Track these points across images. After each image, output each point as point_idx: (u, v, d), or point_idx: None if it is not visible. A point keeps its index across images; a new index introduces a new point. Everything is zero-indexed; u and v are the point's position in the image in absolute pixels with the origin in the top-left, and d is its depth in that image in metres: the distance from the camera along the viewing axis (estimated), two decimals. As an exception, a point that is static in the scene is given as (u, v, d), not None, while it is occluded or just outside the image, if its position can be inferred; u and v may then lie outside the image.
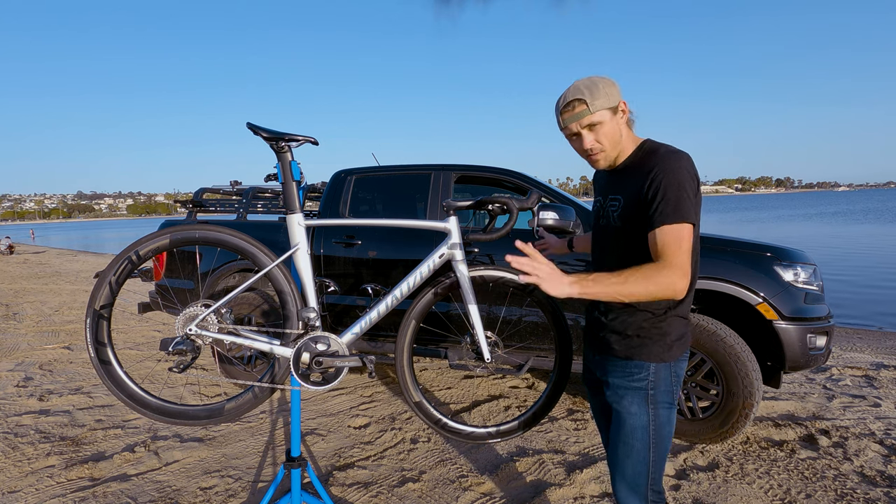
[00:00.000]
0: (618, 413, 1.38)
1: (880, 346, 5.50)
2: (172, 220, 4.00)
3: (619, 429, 1.38)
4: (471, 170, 3.47)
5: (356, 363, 1.63)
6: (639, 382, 1.35)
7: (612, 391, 1.40)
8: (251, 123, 1.65)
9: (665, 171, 1.23)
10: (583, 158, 1.41)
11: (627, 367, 1.37)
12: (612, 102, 1.30)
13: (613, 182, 1.40)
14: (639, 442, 1.35)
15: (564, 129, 1.36)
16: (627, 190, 1.32)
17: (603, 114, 1.30)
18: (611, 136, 1.32)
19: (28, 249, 24.38)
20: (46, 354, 4.91)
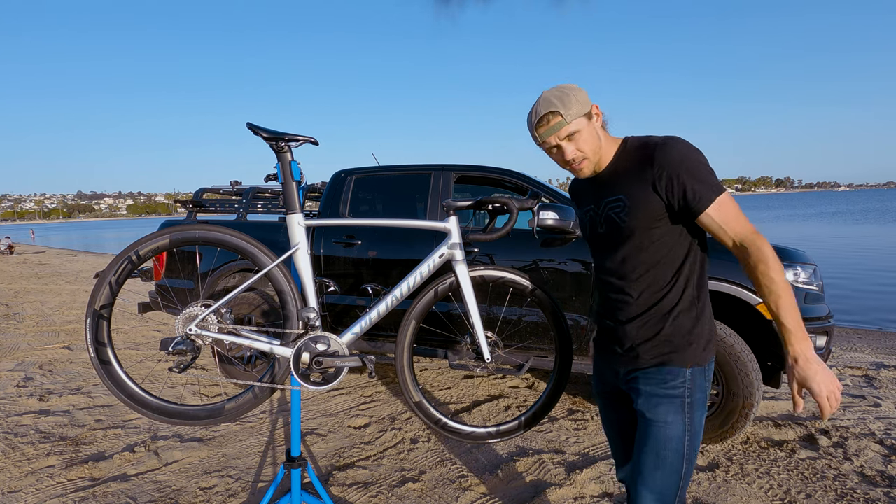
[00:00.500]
0: (650, 422, 1.29)
1: (880, 346, 5.50)
2: (172, 220, 4.00)
3: (650, 439, 1.28)
4: (471, 170, 3.47)
5: (356, 363, 1.63)
6: (675, 390, 1.27)
7: (645, 399, 1.30)
8: (251, 123, 1.65)
9: (671, 157, 1.19)
10: (565, 169, 1.37)
11: (661, 374, 1.28)
12: (586, 109, 1.26)
13: (604, 185, 1.34)
14: (672, 453, 1.27)
15: (542, 143, 1.31)
16: (629, 187, 1.26)
17: (579, 122, 1.25)
18: (590, 142, 1.28)
19: (28, 249, 24.38)
20: (46, 354, 4.91)
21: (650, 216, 1.24)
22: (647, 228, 1.25)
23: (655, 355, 1.29)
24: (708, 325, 1.31)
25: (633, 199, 1.25)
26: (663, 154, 1.20)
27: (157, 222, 5.87)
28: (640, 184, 1.24)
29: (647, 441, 1.29)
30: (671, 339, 1.28)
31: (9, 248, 19.74)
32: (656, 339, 1.29)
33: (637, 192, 1.24)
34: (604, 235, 1.36)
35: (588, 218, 1.42)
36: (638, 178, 1.24)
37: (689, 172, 1.18)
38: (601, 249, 1.39)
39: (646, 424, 1.30)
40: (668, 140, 1.23)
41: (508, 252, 3.16)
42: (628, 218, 1.26)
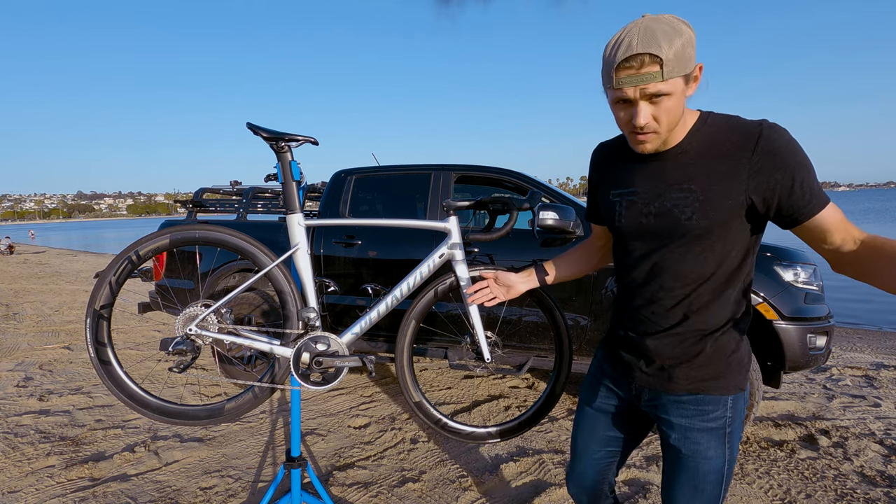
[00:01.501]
0: (687, 457, 1.13)
1: (880, 346, 5.50)
2: (172, 220, 4.00)
3: (685, 472, 1.13)
4: (471, 170, 3.47)
5: (356, 363, 1.63)
6: (716, 422, 1.10)
7: (680, 434, 1.12)
8: (251, 123, 1.65)
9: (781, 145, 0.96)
10: (622, 130, 1.06)
11: (699, 405, 1.10)
12: (690, 66, 0.94)
13: (668, 168, 1.06)
14: (711, 485, 1.12)
15: (615, 88, 0.97)
16: (707, 176, 1.00)
17: (676, 83, 0.94)
18: (674, 113, 0.97)
19: (28, 249, 24.38)
20: (46, 354, 4.91)
21: (726, 216, 1.01)
22: (714, 230, 1.02)
23: (693, 380, 1.10)
24: (747, 344, 1.14)
25: (710, 193, 1.00)
26: (772, 143, 0.95)
27: (157, 222, 5.86)
28: (726, 175, 0.99)
29: (681, 473, 1.14)
30: (712, 363, 1.09)
31: (9, 248, 19.74)
32: (695, 361, 1.09)
33: (718, 185, 1.00)
34: (650, 229, 1.09)
35: (626, 203, 1.13)
36: (724, 167, 0.99)
37: (801, 167, 0.95)
38: (640, 246, 1.12)
39: (679, 457, 1.14)
40: (774, 126, 0.97)
41: (508, 252, 3.16)
42: (697, 215, 1.01)
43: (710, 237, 1.03)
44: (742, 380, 1.12)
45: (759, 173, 0.97)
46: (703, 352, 1.09)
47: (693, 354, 1.10)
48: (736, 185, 0.99)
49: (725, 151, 1.00)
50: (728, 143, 1.00)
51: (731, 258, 1.05)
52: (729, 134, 1.01)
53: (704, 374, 1.10)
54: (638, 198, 1.11)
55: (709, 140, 1.02)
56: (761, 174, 0.97)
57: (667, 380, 1.13)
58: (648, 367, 1.16)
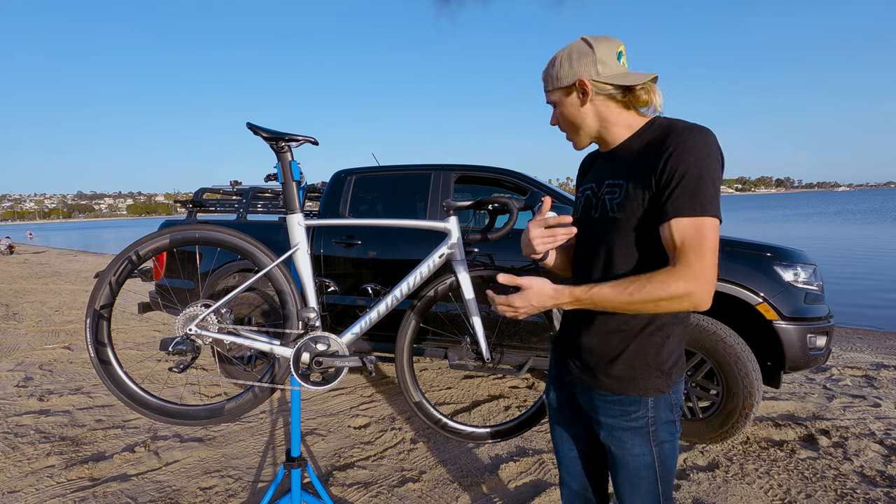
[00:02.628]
0: (617, 455, 1.18)
1: (880, 346, 5.50)
2: (172, 220, 4.00)
3: (621, 470, 1.19)
4: (471, 170, 3.47)
5: (356, 363, 1.63)
6: (637, 422, 1.14)
7: (607, 432, 1.18)
8: (251, 123, 1.65)
9: (685, 149, 1.00)
10: None
11: (621, 405, 1.14)
12: (565, 81, 1.12)
13: (612, 166, 1.15)
14: (645, 481, 1.17)
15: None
16: (633, 174, 1.08)
17: (557, 94, 1.15)
18: (568, 118, 1.16)
19: (28, 249, 24.38)
20: (46, 354, 4.91)
21: (640, 212, 1.07)
22: (636, 225, 1.08)
23: (615, 380, 1.14)
24: (678, 349, 1.15)
25: (632, 188, 1.08)
26: (678, 142, 1.01)
27: (157, 222, 5.88)
28: (642, 172, 1.06)
29: (618, 470, 1.20)
30: (632, 363, 1.12)
31: (9, 248, 19.75)
32: (618, 360, 1.13)
33: (639, 181, 1.07)
34: (595, 221, 1.17)
35: (584, 197, 1.23)
36: (645, 165, 1.06)
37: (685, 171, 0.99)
38: (587, 236, 1.20)
39: (612, 454, 1.20)
40: (692, 130, 1.03)
41: (508, 252, 3.16)
42: (619, 209, 1.10)
43: (631, 233, 1.09)
44: (662, 384, 1.12)
45: (657, 171, 1.03)
46: (625, 353, 1.13)
47: (616, 354, 1.13)
48: (646, 181, 1.05)
49: (649, 151, 1.07)
50: (657, 143, 1.06)
51: (651, 257, 1.08)
52: (659, 135, 1.08)
53: (625, 375, 1.13)
54: (591, 192, 1.21)
55: (645, 141, 1.10)
56: (658, 172, 1.03)
57: (594, 378, 1.17)
58: (579, 363, 1.21)
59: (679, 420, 1.18)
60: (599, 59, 1.09)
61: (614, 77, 1.10)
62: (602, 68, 1.09)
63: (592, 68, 1.09)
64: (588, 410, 1.23)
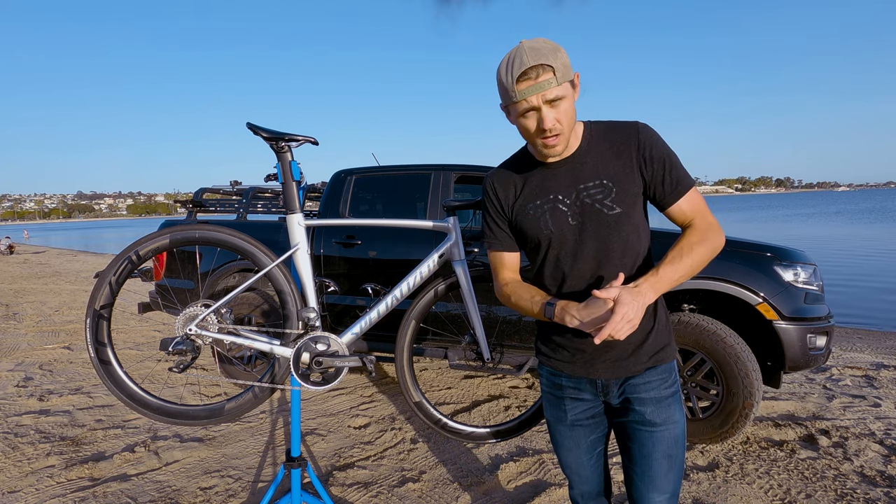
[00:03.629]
0: (660, 427, 1.20)
1: (880, 346, 5.50)
2: (172, 220, 4.00)
3: (661, 444, 1.20)
4: (471, 170, 3.47)
5: (356, 363, 1.63)
6: (673, 386, 1.23)
7: (654, 406, 1.21)
8: (251, 123, 1.65)
9: (656, 140, 1.15)
10: (530, 142, 1.17)
11: (660, 374, 1.22)
12: (571, 74, 1.09)
13: (574, 170, 1.17)
14: (680, 449, 1.23)
15: (519, 102, 1.07)
16: (611, 170, 1.15)
17: (566, 87, 1.08)
18: (571, 115, 1.10)
19: (28, 249, 24.38)
20: (46, 354, 4.91)
21: (633, 200, 1.16)
22: (631, 215, 1.16)
23: (650, 355, 1.20)
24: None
25: (618, 183, 1.15)
26: (647, 135, 1.15)
27: (157, 222, 5.87)
28: (623, 166, 1.15)
29: (657, 447, 1.21)
30: (661, 333, 1.22)
31: (9, 248, 19.75)
32: (650, 337, 1.20)
33: (622, 175, 1.15)
34: (577, 227, 1.17)
35: (547, 211, 1.19)
36: (620, 160, 1.16)
37: (667, 155, 1.15)
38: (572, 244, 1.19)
39: (653, 431, 1.21)
40: (645, 125, 1.18)
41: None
42: (616, 203, 1.14)
43: (630, 221, 1.17)
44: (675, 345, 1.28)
45: (646, 162, 1.15)
46: (655, 326, 1.22)
47: (648, 331, 1.21)
48: (633, 173, 1.16)
49: (617, 149, 1.17)
50: (617, 142, 1.17)
51: (645, 235, 1.22)
52: (614, 134, 1.18)
53: (659, 346, 1.22)
54: (560, 203, 1.19)
55: (600, 141, 1.18)
56: (645, 165, 1.15)
57: (633, 363, 1.21)
58: (612, 358, 1.21)
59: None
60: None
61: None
62: None
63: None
64: (627, 397, 1.23)
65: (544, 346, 1.32)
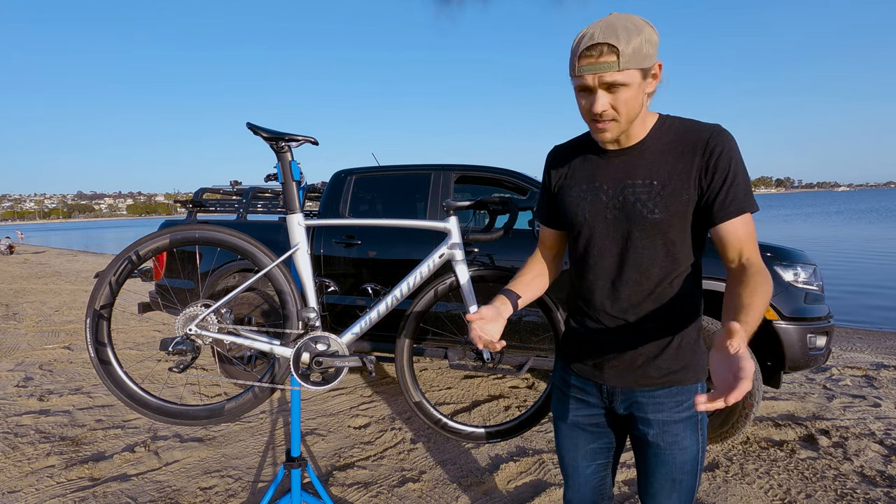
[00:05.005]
0: (662, 450, 1.14)
1: (880, 346, 5.50)
2: (172, 220, 4.00)
3: (664, 466, 1.15)
4: (471, 170, 3.47)
5: (356, 363, 1.63)
6: (689, 410, 1.13)
7: (658, 428, 1.14)
8: (251, 123, 1.65)
9: (730, 150, 1.02)
10: (584, 120, 1.10)
11: (673, 396, 1.13)
12: (648, 62, 0.99)
13: (628, 164, 1.10)
14: (688, 475, 1.15)
15: (576, 76, 1.01)
16: (665, 172, 1.05)
17: (632, 74, 0.98)
18: (632, 105, 1.01)
19: (28, 249, 24.38)
20: (46, 354, 4.91)
21: (683, 209, 1.05)
22: (674, 223, 1.06)
23: (665, 373, 1.12)
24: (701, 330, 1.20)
25: (669, 188, 1.05)
26: (720, 142, 1.03)
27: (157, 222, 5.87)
28: (680, 170, 1.04)
29: (659, 468, 1.16)
30: (682, 353, 1.12)
31: (9, 248, 19.75)
32: (666, 353, 1.12)
33: (675, 180, 1.05)
34: (613, 223, 1.11)
35: (591, 199, 1.14)
36: (679, 164, 1.05)
37: (736, 170, 1.02)
38: (603, 242, 1.14)
39: (658, 452, 1.16)
40: (724, 132, 1.05)
41: (508, 252, 3.16)
42: (658, 208, 1.05)
43: (670, 230, 1.07)
44: (705, 367, 1.13)
45: (704, 172, 1.03)
46: (673, 343, 1.12)
47: (664, 346, 1.12)
48: (689, 181, 1.04)
49: (681, 150, 1.06)
50: (684, 143, 1.06)
51: (686, 251, 1.10)
52: (685, 134, 1.07)
53: (676, 366, 1.12)
54: (603, 193, 1.13)
55: (668, 139, 1.08)
56: (705, 173, 1.03)
57: (641, 376, 1.13)
58: (621, 365, 1.15)
59: None
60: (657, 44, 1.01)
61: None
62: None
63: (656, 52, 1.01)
64: (632, 412, 1.17)
65: (564, 339, 1.32)
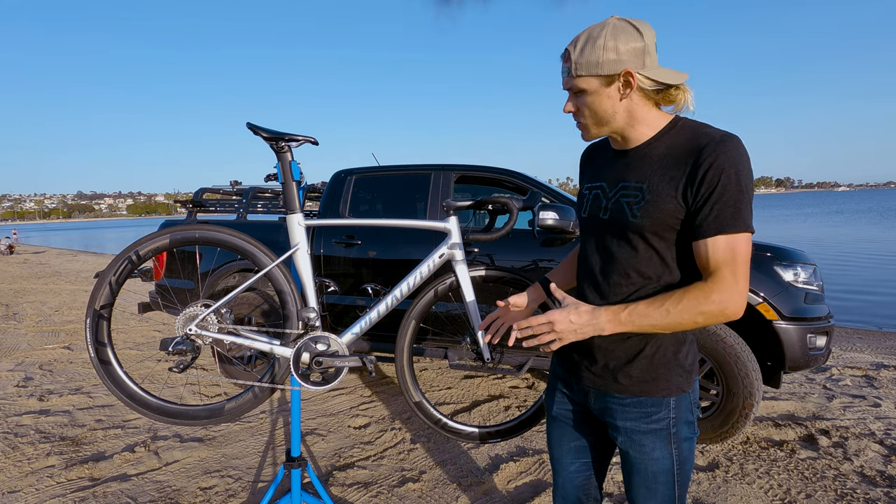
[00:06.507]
0: (635, 459, 1.13)
1: (880, 346, 5.50)
2: (172, 220, 4.00)
3: (637, 474, 1.15)
4: (471, 170, 3.47)
5: (356, 363, 1.63)
6: (658, 423, 1.09)
7: (625, 437, 1.12)
8: (251, 123, 1.65)
9: (725, 161, 0.94)
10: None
11: (642, 406, 1.10)
12: (608, 69, 0.97)
13: (627, 166, 1.08)
14: (662, 486, 1.13)
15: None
16: (659, 178, 1.02)
17: (588, 81, 1.00)
18: (596, 110, 1.03)
19: (28, 249, 24.38)
20: (46, 354, 4.91)
21: (666, 220, 1.02)
22: (657, 231, 1.03)
23: (635, 381, 1.10)
24: (693, 346, 1.14)
25: (654, 194, 1.02)
26: (717, 153, 0.95)
27: (157, 222, 5.87)
28: (671, 178, 1.00)
29: (633, 475, 1.15)
30: (653, 364, 1.08)
31: (9, 248, 19.75)
32: (636, 361, 1.09)
33: (664, 187, 1.01)
34: (605, 223, 1.11)
35: (592, 196, 1.16)
36: (673, 171, 1.01)
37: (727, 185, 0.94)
38: (595, 238, 1.15)
39: (629, 459, 1.15)
40: (729, 140, 0.97)
41: (508, 252, 3.16)
42: (640, 213, 1.03)
43: (652, 238, 1.04)
44: (684, 382, 1.10)
45: (691, 182, 0.98)
46: (644, 352, 1.09)
47: (634, 354, 1.09)
48: (676, 191, 1.00)
49: (679, 157, 1.01)
50: (685, 149, 1.01)
51: (671, 262, 1.05)
52: (688, 140, 1.02)
53: (646, 376, 1.09)
54: (602, 193, 1.13)
55: (671, 144, 1.04)
56: (692, 185, 0.98)
57: (612, 381, 1.12)
58: (594, 366, 1.15)
59: (697, 420, 1.15)
60: (648, 50, 0.98)
61: (660, 74, 1.00)
62: (649, 60, 0.99)
63: (640, 59, 0.98)
64: (603, 416, 1.17)
65: None
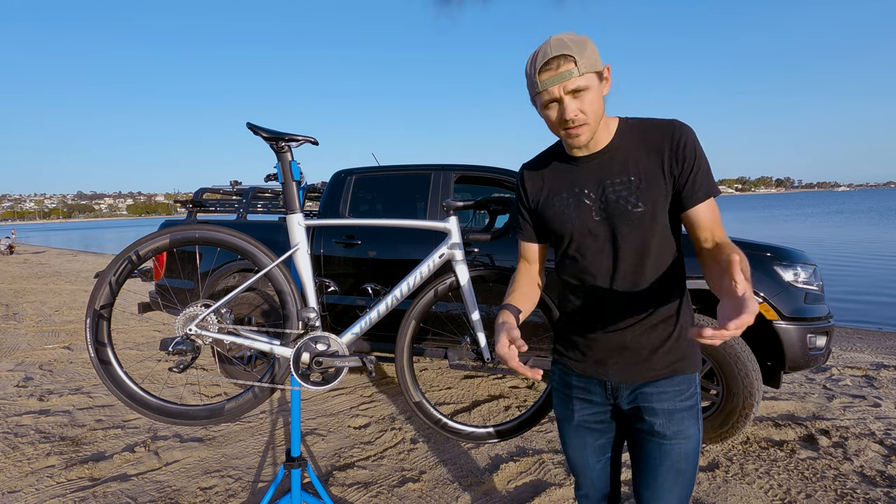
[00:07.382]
0: (670, 440, 1.17)
1: (880, 346, 5.50)
2: (172, 220, 4.00)
3: (668, 457, 1.18)
4: (471, 170, 3.47)
5: (356, 363, 1.63)
6: (690, 399, 1.18)
7: (665, 418, 1.17)
8: (251, 123, 1.65)
9: (692, 140, 1.11)
10: (555, 133, 1.16)
11: (676, 386, 1.17)
12: (599, 66, 1.09)
13: (603, 166, 1.16)
14: (690, 465, 1.19)
15: (541, 92, 1.09)
16: (639, 167, 1.13)
17: (590, 78, 1.07)
18: (595, 106, 1.09)
19: (28, 249, 24.38)
20: (46, 354, 4.91)
21: (661, 200, 1.12)
22: (657, 215, 1.12)
23: (668, 363, 1.17)
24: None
25: (645, 181, 1.12)
26: (683, 133, 1.11)
27: (157, 222, 5.88)
28: (653, 165, 1.12)
29: (664, 460, 1.18)
30: (681, 344, 1.17)
31: (9, 248, 19.75)
32: (667, 344, 1.16)
33: (650, 174, 1.12)
34: (600, 223, 1.16)
35: (575, 204, 1.18)
36: (650, 158, 1.12)
37: (699, 157, 1.10)
38: (594, 243, 1.17)
39: (661, 443, 1.18)
40: (684, 125, 1.14)
41: (508, 252, 3.16)
42: (640, 201, 1.11)
43: (654, 222, 1.13)
44: (699, 358, 1.22)
45: (674, 163, 1.11)
46: (673, 334, 1.17)
47: (666, 338, 1.17)
48: (661, 173, 1.12)
49: (649, 147, 1.13)
50: (651, 140, 1.14)
51: (669, 241, 1.16)
52: (649, 132, 1.15)
53: (677, 356, 1.17)
54: (585, 197, 1.18)
55: (634, 137, 1.16)
56: (675, 163, 1.11)
57: (647, 368, 1.18)
58: (624, 360, 1.19)
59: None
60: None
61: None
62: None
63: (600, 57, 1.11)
64: (637, 404, 1.20)
65: (559, 343, 1.33)
